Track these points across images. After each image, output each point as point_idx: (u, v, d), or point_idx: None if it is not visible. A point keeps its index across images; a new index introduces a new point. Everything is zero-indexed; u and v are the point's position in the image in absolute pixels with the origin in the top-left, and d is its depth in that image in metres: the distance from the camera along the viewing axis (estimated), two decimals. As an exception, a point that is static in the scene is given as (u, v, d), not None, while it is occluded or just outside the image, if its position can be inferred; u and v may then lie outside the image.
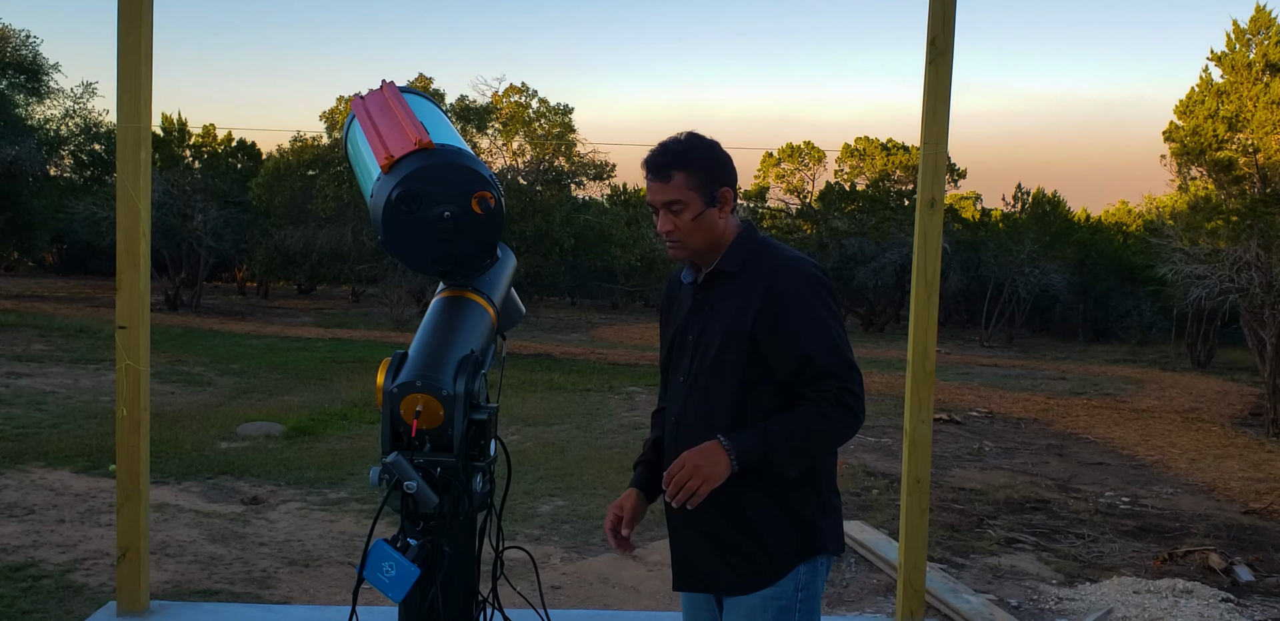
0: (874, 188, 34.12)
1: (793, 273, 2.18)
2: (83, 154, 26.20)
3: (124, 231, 3.44)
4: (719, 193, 2.20)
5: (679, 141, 2.22)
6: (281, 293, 34.81)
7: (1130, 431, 12.41)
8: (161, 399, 11.01)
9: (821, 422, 2.11)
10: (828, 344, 2.13)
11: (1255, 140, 13.85)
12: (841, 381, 2.12)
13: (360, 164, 2.32)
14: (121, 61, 3.40)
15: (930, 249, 3.66)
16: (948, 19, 3.60)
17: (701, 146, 2.23)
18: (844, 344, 2.16)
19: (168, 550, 5.67)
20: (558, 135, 21.81)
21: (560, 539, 6.27)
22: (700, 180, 2.18)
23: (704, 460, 2.04)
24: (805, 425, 2.11)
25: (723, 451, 2.06)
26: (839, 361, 2.13)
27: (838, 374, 2.12)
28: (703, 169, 2.19)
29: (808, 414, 2.12)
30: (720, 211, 2.21)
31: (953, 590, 5.28)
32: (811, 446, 2.13)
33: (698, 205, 2.18)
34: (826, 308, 2.16)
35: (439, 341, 2.00)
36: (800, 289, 2.16)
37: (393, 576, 1.83)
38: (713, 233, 2.21)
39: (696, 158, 2.20)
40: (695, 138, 2.24)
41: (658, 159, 2.20)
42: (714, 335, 2.19)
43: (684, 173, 2.17)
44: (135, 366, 3.43)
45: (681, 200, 2.17)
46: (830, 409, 2.11)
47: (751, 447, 2.07)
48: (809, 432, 2.10)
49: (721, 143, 2.27)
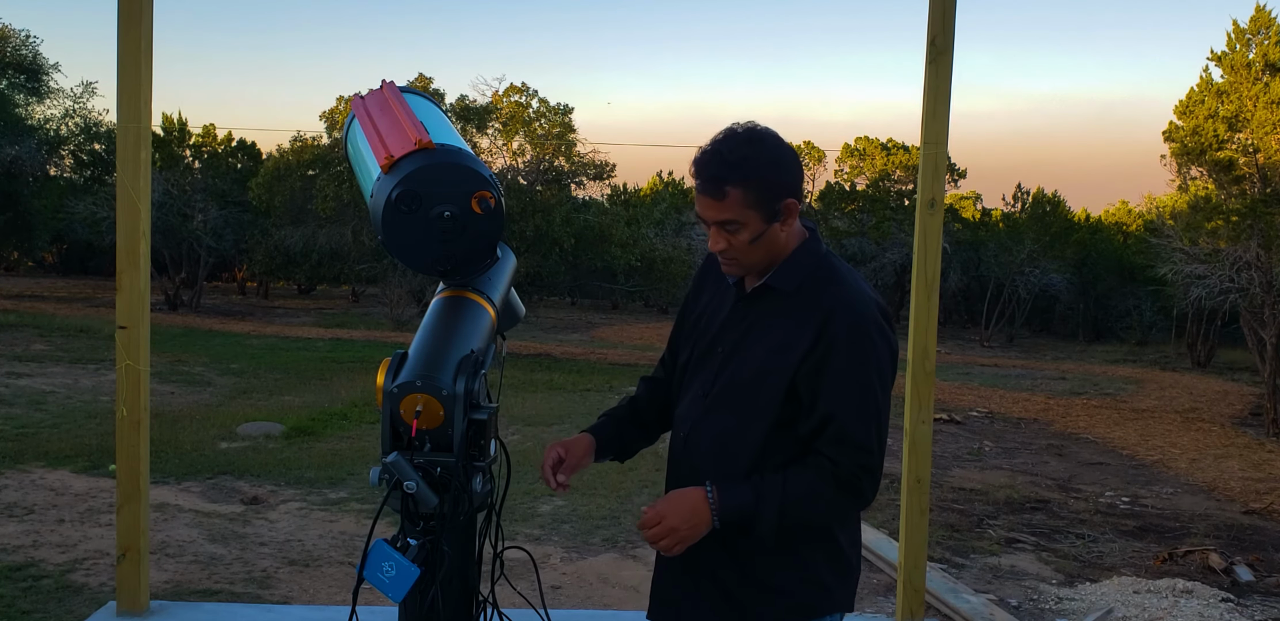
0: (874, 188, 34.14)
1: (853, 314, 1.86)
2: (83, 154, 26.21)
3: (124, 231, 3.43)
4: (783, 206, 1.86)
5: (738, 145, 1.84)
6: (281, 292, 34.81)
7: (1130, 431, 12.41)
8: (161, 399, 11.01)
9: (821, 498, 1.87)
10: (860, 410, 1.86)
11: (1255, 140, 13.84)
12: (862, 455, 1.86)
13: (360, 164, 2.32)
14: (121, 61, 3.40)
15: (930, 249, 3.66)
16: (948, 19, 3.60)
17: (765, 151, 1.85)
18: (879, 415, 1.88)
19: (168, 550, 5.67)
20: (558, 135, 21.81)
21: (560, 539, 6.27)
22: (761, 195, 1.84)
23: (682, 521, 1.84)
24: (803, 496, 1.86)
25: (706, 507, 1.85)
26: (865, 432, 1.86)
27: (861, 445, 1.86)
28: (765, 181, 1.84)
29: (810, 483, 1.86)
30: (783, 225, 1.89)
31: (953, 590, 5.28)
32: (803, 519, 1.89)
33: (757, 224, 1.86)
34: (878, 367, 1.86)
35: (439, 341, 2.00)
36: (857, 338, 1.85)
37: (393, 576, 1.82)
38: (775, 249, 1.92)
39: (758, 168, 1.83)
40: (757, 138, 1.86)
41: (710, 169, 1.84)
42: (752, 361, 1.93)
43: (741, 189, 1.82)
44: (135, 366, 3.42)
45: (738, 220, 1.85)
46: (836, 483, 1.86)
47: (739, 506, 1.85)
48: (805, 505, 1.86)
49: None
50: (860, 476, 1.86)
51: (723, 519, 1.85)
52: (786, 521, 1.85)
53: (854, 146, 35.99)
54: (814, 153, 37.15)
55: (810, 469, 1.87)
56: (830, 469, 1.86)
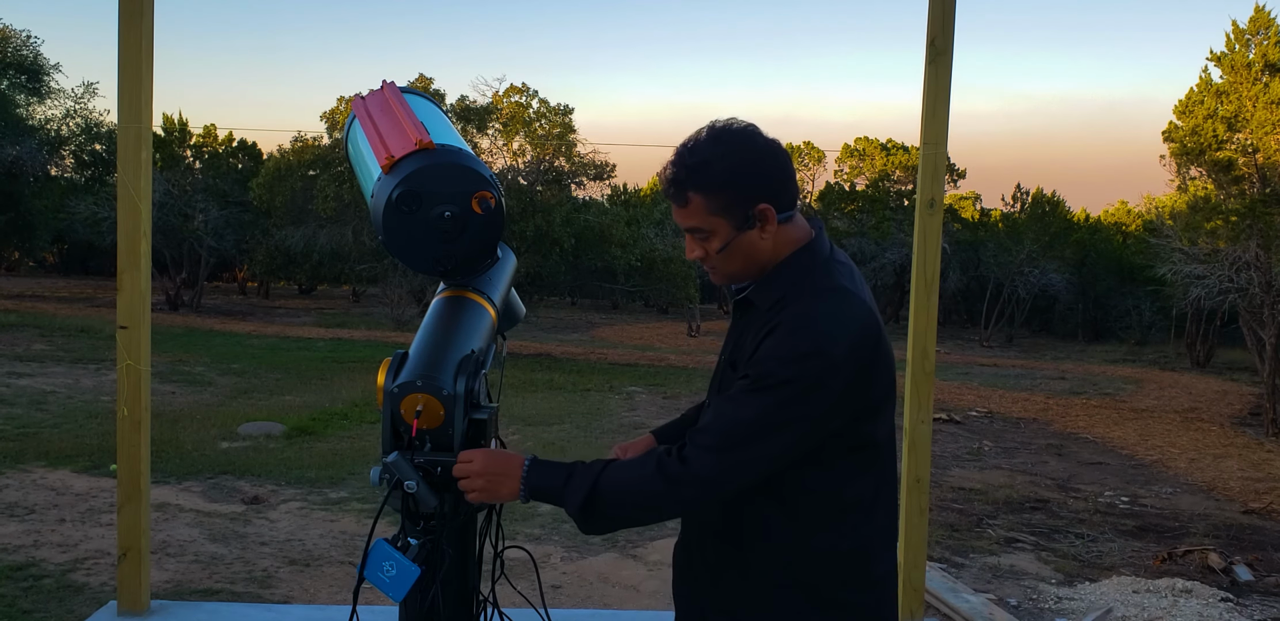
0: (873, 188, 34.16)
1: (792, 330, 1.63)
2: (83, 154, 26.24)
3: (125, 231, 3.44)
4: (755, 211, 1.68)
5: (701, 146, 1.69)
6: (282, 292, 34.82)
7: (1129, 431, 12.41)
8: (162, 399, 11.02)
9: (640, 481, 1.66)
10: (733, 411, 1.64)
11: (1255, 140, 13.85)
12: (698, 441, 1.64)
13: (361, 164, 2.32)
14: (122, 61, 3.41)
15: (930, 249, 3.66)
16: (948, 19, 3.61)
17: (731, 153, 1.68)
18: (750, 425, 1.61)
19: (168, 550, 5.67)
20: (558, 135, 21.82)
21: (560, 538, 6.28)
22: (725, 201, 1.68)
23: (484, 473, 1.74)
24: (618, 483, 1.67)
25: (515, 478, 1.73)
26: (720, 426, 1.63)
27: (711, 434, 1.64)
28: (728, 186, 1.67)
29: (630, 469, 1.68)
30: (762, 231, 1.70)
31: (952, 589, 5.29)
32: (615, 508, 1.68)
33: (726, 231, 1.70)
34: (785, 389, 1.60)
35: (439, 341, 2.01)
36: (779, 351, 1.62)
37: (393, 576, 1.83)
38: (756, 257, 1.73)
39: (722, 172, 1.67)
40: (725, 138, 1.70)
41: (669, 174, 1.71)
42: (732, 375, 1.76)
43: (703, 195, 1.68)
44: (136, 366, 3.43)
45: (703, 227, 1.71)
46: (657, 465, 1.65)
47: (547, 488, 1.71)
48: (616, 495, 1.67)
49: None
50: (673, 462, 1.63)
51: (530, 496, 1.73)
52: (600, 510, 1.68)
53: (854, 147, 36.02)
54: (814, 153, 37.18)
55: (650, 458, 1.69)
56: (661, 453, 1.67)
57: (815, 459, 1.69)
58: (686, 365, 18.19)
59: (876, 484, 1.76)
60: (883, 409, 1.73)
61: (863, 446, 1.73)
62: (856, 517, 1.74)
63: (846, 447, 1.71)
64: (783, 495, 1.71)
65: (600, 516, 1.69)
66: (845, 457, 1.72)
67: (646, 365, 18.00)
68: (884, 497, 1.79)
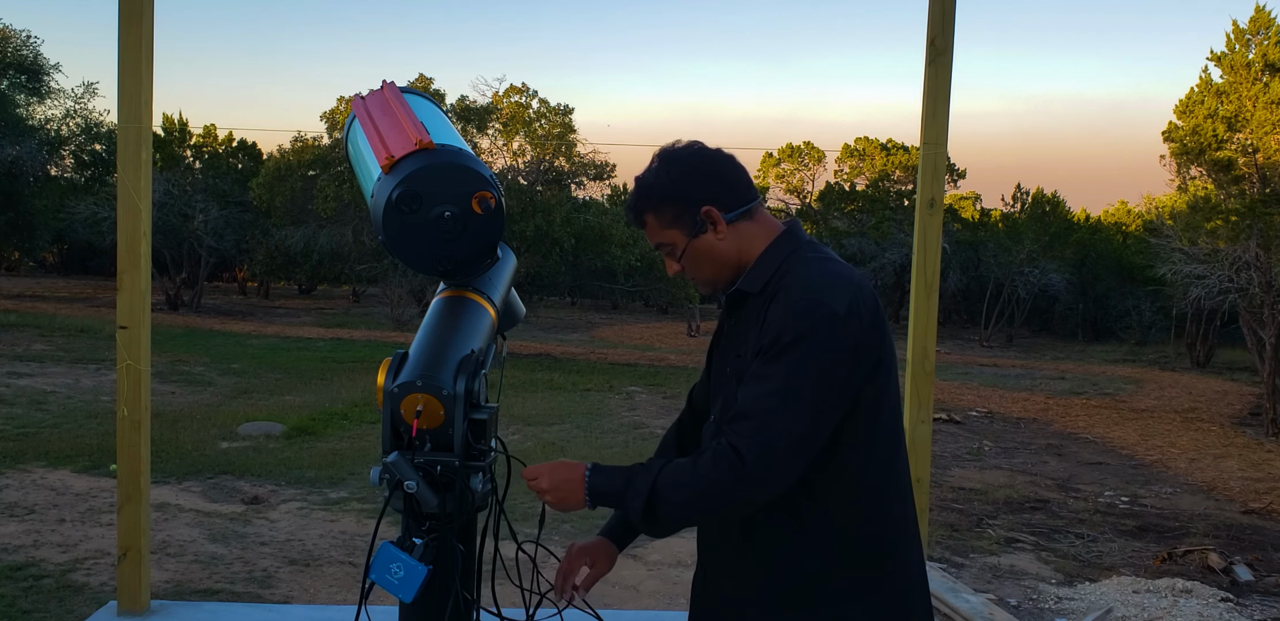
0: (874, 188, 34.18)
1: (791, 294, 1.72)
2: (83, 154, 26.24)
3: (125, 231, 3.44)
4: (701, 215, 1.82)
5: (648, 172, 1.87)
6: (282, 293, 34.83)
7: (1130, 431, 12.42)
8: (162, 399, 11.02)
9: (694, 477, 1.69)
10: (760, 380, 1.69)
11: (1255, 140, 13.86)
12: (743, 424, 1.67)
13: (361, 164, 2.32)
14: (122, 61, 3.41)
15: (930, 249, 3.66)
16: (948, 19, 3.61)
17: (672, 171, 1.85)
18: (785, 391, 1.66)
19: (168, 550, 5.67)
20: (558, 135, 21.82)
21: (560, 538, 6.28)
22: (672, 214, 1.84)
23: (551, 488, 1.81)
24: (672, 479, 1.71)
25: (579, 486, 1.78)
26: (757, 406, 1.67)
27: (743, 412, 1.68)
28: (669, 198, 1.84)
29: (684, 466, 1.71)
30: (716, 232, 1.83)
31: (952, 589, 5.29)
32: (679, 506, 1.71)
33: (681, 240, 1.85)
34: (804, 343, 1.67)
35: (439, 341, 2.01)
36: (786, 316, 1.70)
37: (401, 577, 1.82)
38: (720, 258, 1.85)
39: (664, 188, 1.84)
40: (669, 159, 1.86)
41: (627, 202, 1.92)
42: (731, 370, 1.83)
43: (652, 213, 1.86)
44: (136, 366, 3.43)
45: (665, 241, 1.87)
46: (712, 458, 1.68)
47: (611, 492, 1.77)
48: (673, 488, 1.70)
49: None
50: (738, 445, 1.65)
51: (594, 501, 1.79)
52: (661, 508, 1.72)
53: (854, 147, 36.04)
54: (814, 153, 37.19)
55: (704, 453, 1.72)
56: (714, 446, 1.70)
57: (830, 451, 1.73)
58: (686, 365, 18.20)
59: (887, 474, 1.82)
60: (889, 383, 1.79)
61: (873, 435, 1.78)
62: (873, 509, 1.81)
63: (858, 436, 1.76)
64: (808, 486, 1.76)
65: (664, 517, 1.73)
66: (857, 444, 1.77)
67: (646, 365, 18.00)
68: (895, 488, 1.84)
